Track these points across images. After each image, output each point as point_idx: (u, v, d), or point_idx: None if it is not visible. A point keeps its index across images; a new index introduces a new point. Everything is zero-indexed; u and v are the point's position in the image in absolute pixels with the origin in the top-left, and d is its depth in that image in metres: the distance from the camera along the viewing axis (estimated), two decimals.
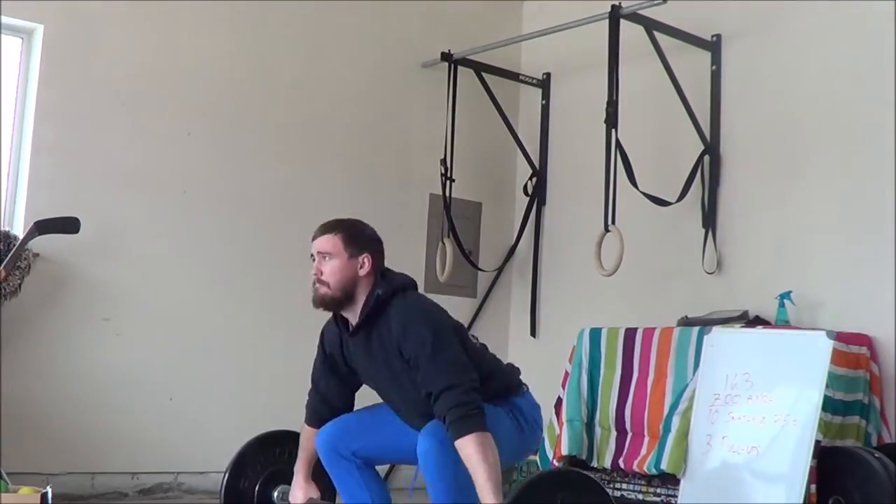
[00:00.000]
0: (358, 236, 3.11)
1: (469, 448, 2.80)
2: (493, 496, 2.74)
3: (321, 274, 3.07)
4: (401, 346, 2.99)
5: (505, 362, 3.27)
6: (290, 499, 3.31)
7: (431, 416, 2.94)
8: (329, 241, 3.08)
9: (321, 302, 3.09)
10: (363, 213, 3.26)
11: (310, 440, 3.28)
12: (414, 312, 3.05)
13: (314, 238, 3.13)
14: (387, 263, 3.21)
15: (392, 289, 3.09)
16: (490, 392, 3.03)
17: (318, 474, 3.32)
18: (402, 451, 3.20)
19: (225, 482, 3.37)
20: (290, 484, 3.34)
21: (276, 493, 3.40)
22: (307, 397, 3.35)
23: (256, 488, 3.40)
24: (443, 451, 2.87)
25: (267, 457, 3.44)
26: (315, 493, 3.29)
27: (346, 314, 3.14)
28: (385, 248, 3.21)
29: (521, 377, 3.25)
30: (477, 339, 3.26)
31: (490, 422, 2.88)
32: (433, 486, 2.93)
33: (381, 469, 5.10)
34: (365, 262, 3.08)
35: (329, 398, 3.28)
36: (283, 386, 5.02)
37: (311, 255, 3.12)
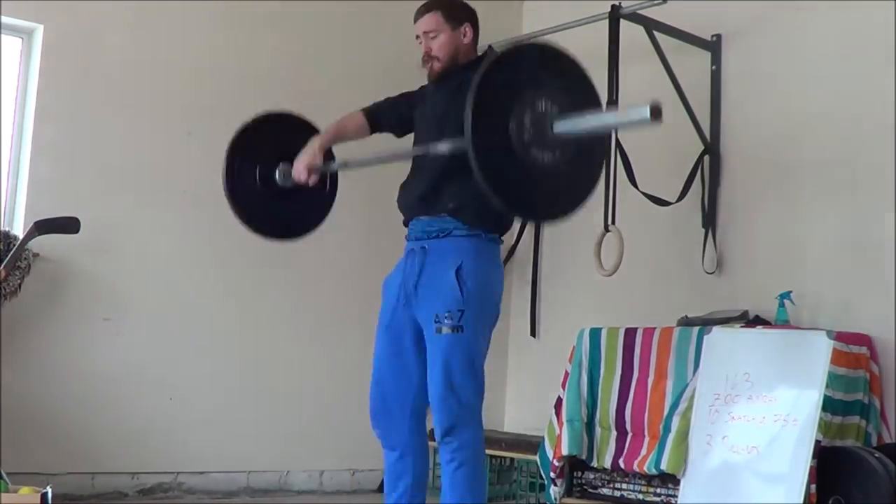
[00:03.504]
0: (456, 9, 3.26)
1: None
2: None
3: (431, 51, 3.25)
4: None
5: (505, 362, 3.30)
6: (294, 172, 3.28)
7: (448, 167, 3.02)
8: (431, 20, 3.23)
9: (437, 75, 3.27)
10: (364, 212, 3.26)
11: (352, 120, 3.40)
12: None
13: (416, 19, 3.25)
14: None
15: None
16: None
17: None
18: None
19: (225, 163, 3.37)
20: (290, 162, 3.34)
21: (276, 172, 3.40)
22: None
23: (257, 169, 3.40)
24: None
25: (267, 136, 3.44)
26: (319, 162, 3.27)
27: None
28: (387, 247, 3.21)
29: None
30: None
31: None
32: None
33: (378, 474, 5.13)
34: (467, 32, 3.25)
35: (385, 108, 3.44)
36: (283, 385, 5.05)
37: (417, 36, 3.26)
